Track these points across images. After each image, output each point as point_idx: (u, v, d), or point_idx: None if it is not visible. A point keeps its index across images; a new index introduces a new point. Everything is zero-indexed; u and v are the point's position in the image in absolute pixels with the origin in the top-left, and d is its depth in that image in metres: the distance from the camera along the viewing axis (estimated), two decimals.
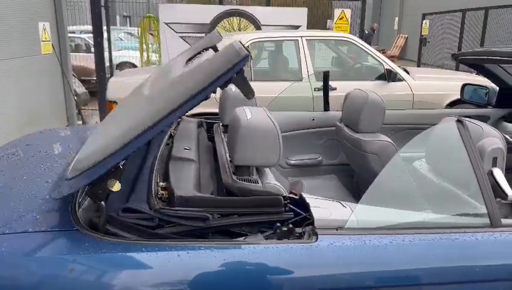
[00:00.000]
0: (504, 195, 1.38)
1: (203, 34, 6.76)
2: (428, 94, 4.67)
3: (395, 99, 4.34)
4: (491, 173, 1.42)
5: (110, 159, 1.16)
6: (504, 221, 1.35)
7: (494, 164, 1.46)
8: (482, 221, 1.33)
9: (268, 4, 7.85)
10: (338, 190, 2.50)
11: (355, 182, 2.66)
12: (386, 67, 4.73)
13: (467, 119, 1.52)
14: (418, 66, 11.55)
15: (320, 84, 4.29)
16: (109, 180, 1.22)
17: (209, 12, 6.85)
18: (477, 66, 3.05)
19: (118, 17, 16.35)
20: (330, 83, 3.14)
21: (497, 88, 3.02)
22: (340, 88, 4.23)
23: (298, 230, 1.28)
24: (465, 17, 10.83)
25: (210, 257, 1.17)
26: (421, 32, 12.26)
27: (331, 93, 3.06)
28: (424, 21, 12.18)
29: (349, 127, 2.41)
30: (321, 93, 2.98)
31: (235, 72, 1.16)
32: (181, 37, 6.78)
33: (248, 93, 1.23)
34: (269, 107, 2.21)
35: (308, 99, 4.42)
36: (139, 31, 8.57)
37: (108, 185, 1.23)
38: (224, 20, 6.87)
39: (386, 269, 1.25)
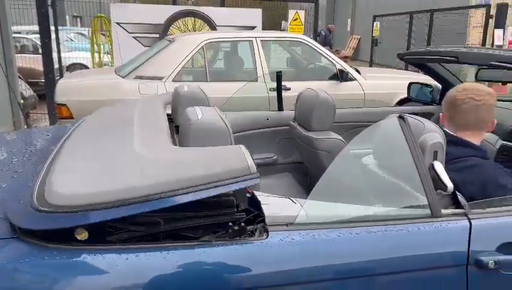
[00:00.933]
0: (444, 187, 1.44)
1: (157, 35, 6.65)
2: (378, 93, 4.84)
3: (347, 98, 4.47)
4: (432, 167, 1.49)
5: (101, 213, 1.07)
6: (444, 211, 1.42)
7: (435, 158, 1.52)
8: (424, 212, 1.40)
9: (222, 5, 7.84)
10: (292, 188, 2.54)
11: (309, 179, 2.71)
12: (338, 67, 4.86)
13: (410, 115, 1.59)
14: (370, 66, 11.95)
15: (275, 84, 4.34)
16: (78, 228, 1.11)
17: (162, 13, 6.75)
18: (422, 66, 3.19)
19: (67, 17, 15.76)
20: (285, 83, 3.18)
21: (440, 86, 3.18)
22: (294, 88, 4.29)
23: (250, 228, 1.29)
24: (413, 19, 11.33)
25: (161, 259, 1.15)
26: (372, 33, 12.70)
27: (285, 93, 3.10)
28: (375, 23, 12.63)
29: (302, 126, 2.45)
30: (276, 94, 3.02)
31: (241, 187, 1.18)
32: (134, 37, 6.64)
33: (241, 202, 1.27)
34: (224, 107, 2.21)
35: (264, 100, 4.46)
36: (90, 32, 8.29)
37: (75, 233, 1.11)
38: (179, 20, 6.80)
39: (335, 263, 1.28)
